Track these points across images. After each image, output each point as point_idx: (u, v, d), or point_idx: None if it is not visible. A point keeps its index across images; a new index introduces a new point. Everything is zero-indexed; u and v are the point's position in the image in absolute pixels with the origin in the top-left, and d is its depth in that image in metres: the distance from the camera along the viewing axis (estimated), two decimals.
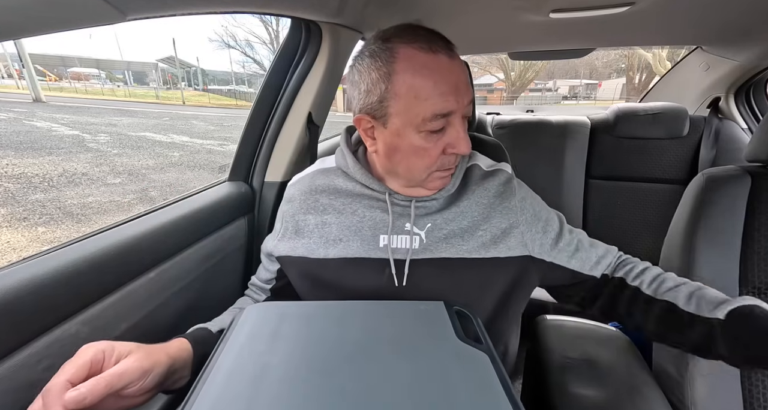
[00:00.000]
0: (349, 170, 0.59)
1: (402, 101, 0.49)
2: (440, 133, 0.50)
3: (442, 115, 0.48)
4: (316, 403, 0.32)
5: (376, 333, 0.42)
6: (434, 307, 0.47)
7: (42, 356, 0.44)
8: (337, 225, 0.57)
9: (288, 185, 0.65)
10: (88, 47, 47.73)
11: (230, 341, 0.40)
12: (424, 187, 0.56)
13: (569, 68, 27.19)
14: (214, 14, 0.55)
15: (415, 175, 0.54)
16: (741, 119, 1.50)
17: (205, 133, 9.00)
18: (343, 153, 0.60)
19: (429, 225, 0.55)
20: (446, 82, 0.48)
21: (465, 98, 0.49)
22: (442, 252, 0.54)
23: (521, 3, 0.93)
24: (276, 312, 0.45)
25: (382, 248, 0.55)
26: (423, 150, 0.51)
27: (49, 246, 0.54)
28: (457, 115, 0.49)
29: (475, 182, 0.59)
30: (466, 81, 0.50)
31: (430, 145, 0.50)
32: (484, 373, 0.36)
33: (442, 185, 0.56)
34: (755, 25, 1.06)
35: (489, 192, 0.58)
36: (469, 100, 0.51)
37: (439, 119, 0.49)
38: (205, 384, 0.34)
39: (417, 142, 0.50)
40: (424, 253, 0.54)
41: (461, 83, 0.49)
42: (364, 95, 0.52)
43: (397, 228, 0.55)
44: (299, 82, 0.94)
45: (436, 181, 0.55)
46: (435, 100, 0.47)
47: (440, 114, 0.48)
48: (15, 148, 5.81)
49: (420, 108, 0.48)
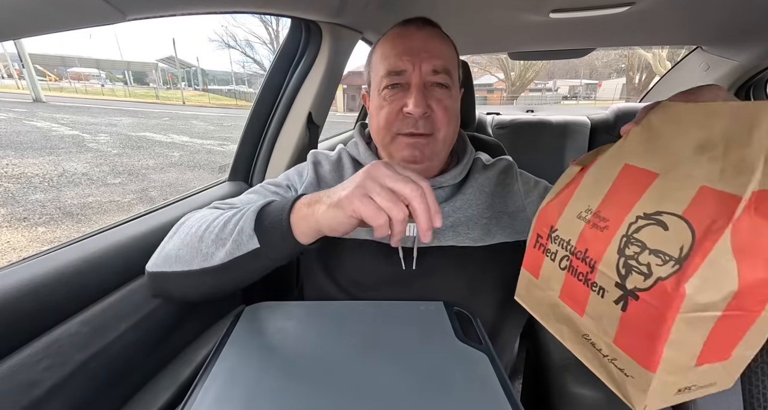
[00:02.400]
0: (360, 157, 0.63)
1: (374, 67, 0.58)
2: (399, 93, 0.54)
3: (395, 72, 0.54)
4: (316, 403, 0.32)
5: (376, 333, 0.42)
6: (434, 308, 0.47)
7: (42, 356, 0.44)
8: None
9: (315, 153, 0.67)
10: (88, 47, 47.74)
11: (230, 341, 0.40)
12: (394, 154, 0.57)
13: (569, 68, 27.21)
14: (214, 14, 0.55)
15: (382, 138, 0.58)
16: None
17: (205, 133, 9.00)
18: (357, 143, 0.64)
19: None
20: (404, 44, 0.54)
21: (424, 63, 0.53)
22: (449, 240, 0.55)
23: (521, 3, 0.93)
24: (276, 312, 0.45)
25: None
26: (382, 108, 0.56)
27: (49, 246, 0.54)
28: (413, 76, 0.53)
29: (478, 172, 0.61)
30: (429, 48, 0.54)
31: (386, 103, 0.55)
32: (484, 374, 0.36)
33: (411, 157, 0.56)
34: (755, 25, 1.06)
35: (491, 180, 0.60)
36: (431, 68, 0.53)
37: (393, 76, 0.54)
38: (205, 384, 0.34)
39: (378, 101, 0.57)
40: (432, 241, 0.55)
41: (421, 48, 0.53)
42: (365, 74, 0.62)
43: None
44: (299, 82, 0.94)
45: (403, 149, 0.56)
46: (391, 60, 0.54)
47: (393, 71, 0.54)
48: (15, 148, 5.81)
49: (380, 68, 0.56)
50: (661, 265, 0.26)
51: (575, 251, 0.34)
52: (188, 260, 0.44)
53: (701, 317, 0.25)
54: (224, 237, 0.43)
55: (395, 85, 0.55)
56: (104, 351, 0.51)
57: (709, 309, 0.25)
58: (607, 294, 0.30)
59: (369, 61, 0.61)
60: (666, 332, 0.26)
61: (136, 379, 0.58)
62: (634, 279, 0.28)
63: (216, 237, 0.43)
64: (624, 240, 0.29)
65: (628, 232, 0.29)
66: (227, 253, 0.42)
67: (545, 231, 0.38)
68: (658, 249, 0.27)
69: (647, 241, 0.28)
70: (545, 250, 0.37)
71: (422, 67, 0.53)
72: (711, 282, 0.24)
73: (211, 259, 0.43)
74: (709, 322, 0.26)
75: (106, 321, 0.53)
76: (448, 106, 0.55)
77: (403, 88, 0.54)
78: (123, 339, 0.54)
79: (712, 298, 0.25)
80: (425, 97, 0.53)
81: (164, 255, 0.47)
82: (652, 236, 0.27)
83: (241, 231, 0.42)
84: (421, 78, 0.53)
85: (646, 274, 0.27)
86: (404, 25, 0.57)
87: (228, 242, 0.42)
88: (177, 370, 0.64)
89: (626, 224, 0.30)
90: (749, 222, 0.24)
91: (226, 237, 0.42)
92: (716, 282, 0.25)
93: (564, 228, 0.36)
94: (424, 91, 0.53)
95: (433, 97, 0.54)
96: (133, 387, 0.58)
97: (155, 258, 0.49)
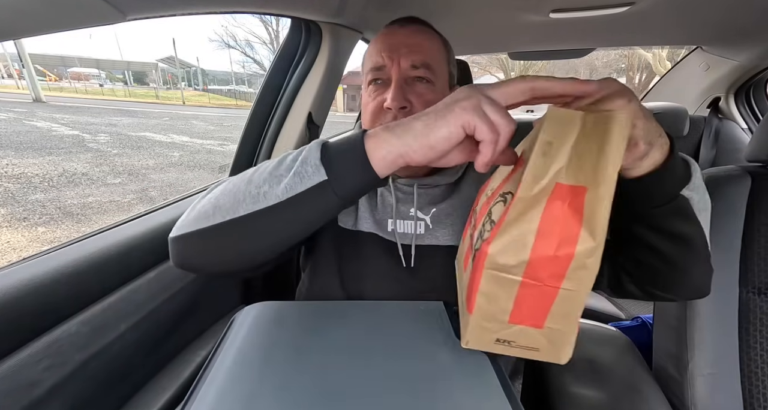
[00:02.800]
0: None
1: (363, 65, 0.60)
2: (380, 89, 0.56)
3: (376, 68, 0.55)
4: (316, 403, 0.32)
5: (376, 333, 0.42)
6: (434, 308, 0.47)
7: (42, 356, 0.44)
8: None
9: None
10: (88, 47, 47.72)
11: (230, 341, 0.40)
12: None
13: (569, 68, 27.17)
14: (214, 14, 0.55)
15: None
16: (741, 119, 1.50)
17: (205, 133, 9.00)
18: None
19: (434, 210, 0.57)
20: (384, 42, 0.56)
21: (403, 58, 0.54)
22: (447, 239, 0.56)
23: (521, 3, 0.93)
24: (275, 312, 0.45)
25: (390, 232, 0.57)
26: (367, 105, 0.57)
27: (49, 246, 0.54)
28: (392, 72, 0.54)
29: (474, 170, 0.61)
30: (409, 44, 0.55)
31: (370, 100, 0.56)
32: (484, 373, 0.36)
33: None
34: (755, 25, 1.06)
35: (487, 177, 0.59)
36: (411, 62, 0.54)
37: (374, 72, 0.56)
38: (205, 383, 0.34)
39: (365, 97, 0.58)
40: (430, 239, 0.56)
41: (401, 44, 0.55)
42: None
43: (401, 213, 0.57)
44: (299, 82, 0.94)
45: None
46: (373, 57, 0.56)
47: (375, 67, 0.55)
48: (15, 148, 5.81)
49: (366, 65, 0.58)
50: (488, 231, 0.33)
51: (475, 224, 0.40)
52: (231, 207, 0.38)
53: (504, 278, 0.31)
54: (280, 174, 0.37)
55: (377, 80, 0.56)
56: (104, 351, 0.51)
57: (508, 271, 0.31)
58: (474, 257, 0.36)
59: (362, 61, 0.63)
60: (478, 281, 0.32)
61: (136, 379, 0.59)
62: (478, 242, 0.34)
63: (269, 176, 0.37)
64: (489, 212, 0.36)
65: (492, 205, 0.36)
66: (286, 188, 0.36)
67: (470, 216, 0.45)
68: (494, 219, 0.33)
69: (494, 213, 0.34)
70: (469, 232, 0.44)
71: (401, 62, 0.54)
72: (510, 248, 0.30)
73: (263, 199, 0.36)
74: (513, 285, 0.31)
75: (106, 321, 0.53)
76: (430, 100, 0.54)
77: (385, 84, 0.55)
78: (123, 339, 0.54)
79: (509, 261, 0.31)
80: (404, 92, 0.53)
81: (195, 215, 0.40)
82: (497, 209, 0.34)
83: (305, 161, 0.36)
84: (399, 73, 0.54)
85: (483, 238, 0.33)
86: (391, 25, 0.59)
87: (285, 177, 0.36)
88: (177, 370, 0.64)
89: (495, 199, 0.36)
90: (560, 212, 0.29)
91: (282, 173, 0.37)
92: (514, 249, 0.30)
93: (478, 208, 0.42)
94: (405, 86, 0.54)
95: (413, 91, 0.54)
96: (133, 387, 0.58)
97: (182, 222, 0.42)
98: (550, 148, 0.31)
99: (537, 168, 0.31)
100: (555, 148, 0.31)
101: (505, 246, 0.30)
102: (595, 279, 0.30)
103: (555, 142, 0.31)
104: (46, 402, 0.44)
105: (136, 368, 0.58)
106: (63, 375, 0.46)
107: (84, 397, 0.49)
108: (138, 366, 0.58)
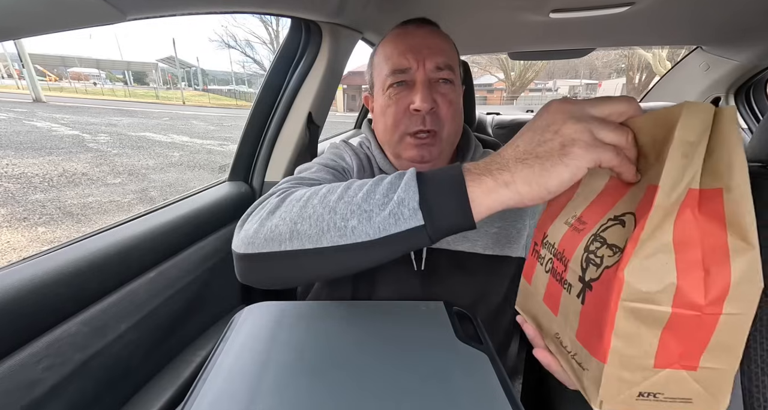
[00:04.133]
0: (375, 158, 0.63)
1: (377, 68, 0.58)
2: (404, 91, 0.55)
3: (400, 70, 0.54)
4: (316, 403, 0.32)
5: (376, 333, 0.42)
6: (434, 307, 0.47)
7: (42, 356, 0.44)
8: None
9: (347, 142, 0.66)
10: (88, 47, 47.72)
11: (230, 341, 0.40)
12: (402, 155, 0.58)
13: (569, 68, 27.20)
14: (214, 14, 0.55)
15: (389, 138, 0.58)
16: (741, 119, 1.50)
17: (205, 133, 8.99)
18: (368, 138, 0.65)
19: None
20: (406, 43, 0.55)
21: (427, 59, 0.53)
22: (459, 245, 0.56)
23: (521, 3, 0.93)
24: (276, 312, 0.45)
25: None
26: (389, 107, 0.56)
27: (49, 246, 0.54)
28: (417, 74, 0.54)
29: None
30: (431, 45, 0.54)
31: (392, 103, 0.55)
32: (484, 373, 0.36)
33: (419, 157, 0.56)
34: (755, 25, 1.06)
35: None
36: (435, 64, 0.54)
37: (398, 74, 0.54)
38: (205, 384, 0.34)
39: (384, 101, 0.57)
40: (442, 244, 0.55)
41: (423, 45, 0.54)
42: (367, 76, 0.62)
43: None
44: (299, 82, 0.94)
45: (410, 149, 0.56)
46: (394, 59, 0.55)
47: (398, 69, 0.54)
48: (15, 148, 5.80)
49: (384, 68, 0.56)
50: (611, 256, 0.27)
51: (556, 253, 0.34)
52: (313, 235, 0.36)
53: (648, 310, 0.25)
54: (371, 209, 0.35)
55: (400, 82, 0.55)
56: (104, 351, 0.51)
57: (653, 301, 0.25)
58: (573, 290, 0.31)
59: (371, 63, 0.61)
60: (611, 319, 0.26)
61: (136, 379, 0.59)
62: (590, 271, 0.29)
63: (359, 209, 0.36)
64: (591, 238, 0.30)
65: (597, 231, 0.30)
66: (379, 229, 0.34)
67: (540, 238, 0.39)
68: (614, 243, 0.28)
69: (608, 238, 0.29)
70: (538, 257, 0.38)
71: (426, 64, 0.53)
72: (650, 271, 0.25)
73: (351, 235, 0.35)
74: (660, 319, 0.25)
75: (106, 321, 0.53)
76: (453, 100, 0.56)
77: (408, 86, 0.55)
78: (123, 339, 0.54)
79: (652, 287, 0.25)
80: (431, 93, 0.53)
81: (268, 234, 0.38)
82: (613, 233, 0.29)
83: (402, 202, 0.34)
84: (425, 74, 0.54)
85: (598, 265, 0.28)
86: (404, 25, 0.58)
87: (378, 215, 0.35)
88: (177, 370, 0.64)
89: (598, 225, 0.30)
90: (699, 219, 0.25)
91: (373, 209, 0.35)
92: (655, 271, 0.25)
93: (552, 234, 0.36)
94: (429, 87, 0.54)
95: (438, 92, 0.55)
96: (133, 387, 0.58)
97: (250, 239, 0.40)
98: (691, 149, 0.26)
99: (676, 171, 0.25)
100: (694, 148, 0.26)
101: (646, 269, 0.25)
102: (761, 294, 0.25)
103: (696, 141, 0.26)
104: (46, 402, 0.44)
105: (136, 368, 0.58)
106: (63, 375, 0.45)
107: (84, 397, 0.49)
108: (138, 366, 0.58)
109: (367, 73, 0.63)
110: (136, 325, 0.57)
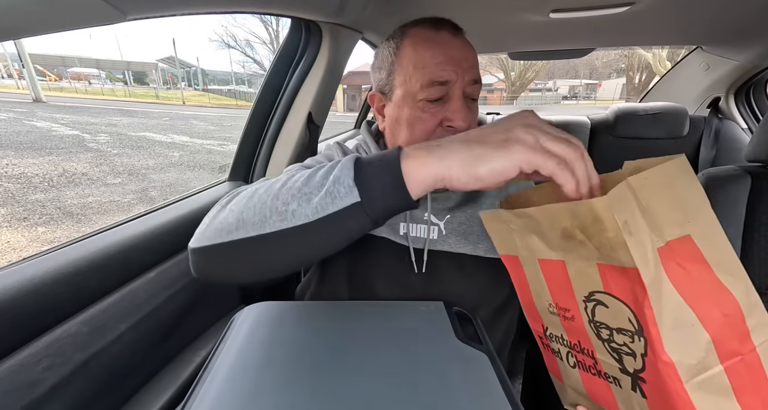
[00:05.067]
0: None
1: (404, 72, 0.52)
2: (438, 104, 0.51)
3: (439, 83, 0.50)
4: (316, 403, 0.32)
5: (376, 333, 0.42)
6: (434, 308, 0.47)
7: (42, 356, 0.44)
8: None
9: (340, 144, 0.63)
10: (88, 47, 47.72)
11: (230, 341, 0.40)
12: None
13: (569, 68, 27.19)
14: (214, 14, 0.55)
15: None
16: (741, 119, 1.50)
17: (205, 133, 8.99)
18: (366, 141, 0.62)
19: (448, 217, 0.56)
20: (445, 53, 0.50)
21: (466, 73, 0.51)
22: (460, 247, 0.55)
23: (521, 3, 0.93)
24: (276, 312, 0.45)
25: (402, 236, 0.56)
26: (419, 120, 0.52)
27: (49, 246, 0.54)
28: (456, 88, 0.51)
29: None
30: (469, 58, 0.52)
31: (426, 116, 0.51)
32: (484, 374, 0.36)
33: None
34: (755, 25, 1.06)
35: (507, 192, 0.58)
36: (472, 78, 0.51)
37: (436, 87, 0.50)
38: (205, 384, 0.34)
39: (415, 112, 0.52)
40: (443, 245, 0.55)
41: (462, 58, 0.51)
42: (377, 72, 0.57)
43: (415, 216, 0.56)
44: (299, 82, 0.94)
45: None
46: (432, 69, 0.50)
47: (437, 81, 0.50)
48: (15, 148, 5.80)
49: (418, 76, 0.51)
50: (632, 342, 0.27)
51: (572, 345, 0.35)
52: (257, 222, 0.36)
53: (711, 378, 0.25)
54: (310, 191, 0.36)
55: (440, 97, 0.51)
56: (104, 351, 0.51)
57: (706, 367, 0.25)
58: (622, 383, 0.30)
59: (392, 62, 0.54)
60: (689, 405, 0.25)
61: (136, 379, 0.58)
62: (629, 362, 0.29)
63: (298, 192, 0.36)
64: (593, 326, 0.31)
65: (591, 317, 0.31)
66: (316, 208, 0.34)
67: (540, 330, 0.39)
68: (618, 327, 0.28)
69: (607, 321, 0.29)
70: (553, 352, 0.39)
71: (465, 78, 0.51)
72: (684, 340, 0.25)
73: (291, 218, 0.35)
74: (722, 379, 0.25)
75: (106, 321, 0.53)
76: (477, 115, 0.55)
77: (443, 100, 0.51)
78: (123, 339, 0.54)
79: (695, 354, 0.25)
80: (468, 111, 0.52)
81: (217, 226, 0.39)
82: (604, 315, 0.29)
83: (337, 180, 0.35)
84: (462, 89, 0.51)
85: (631, 353, 0.28)
86: (436, 30, 0.52)
87: (316, 196, 0.35)
88: (177, 370, 0.64)
89: (582, 310, 0.31)
90: (678, 267, 0.26)
91: (312, 191, 0.35)
92: (690, 338, 0.25)
93: (550, 324, 0.37)
94: (465, 104, 0.52)
95: (470, 109, 0.53)
96: (133, 387, 0.58)
97: (202, 233, 0.40)
98: (627, 225, 0.26)
99: (638, 248, 0.26)
100: (630, 223, 0.26)
101: (681, 339, 0.25)
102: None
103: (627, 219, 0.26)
104: (46, 402, 0.44)
105: (136, 368, 0.58)
106: (63, 375, 0.45)
107: (84, 397, 0.49)
108: (138, 366, 0.58)
109: (380, 72, 0.57)
110: (136, 325, 0.57)
